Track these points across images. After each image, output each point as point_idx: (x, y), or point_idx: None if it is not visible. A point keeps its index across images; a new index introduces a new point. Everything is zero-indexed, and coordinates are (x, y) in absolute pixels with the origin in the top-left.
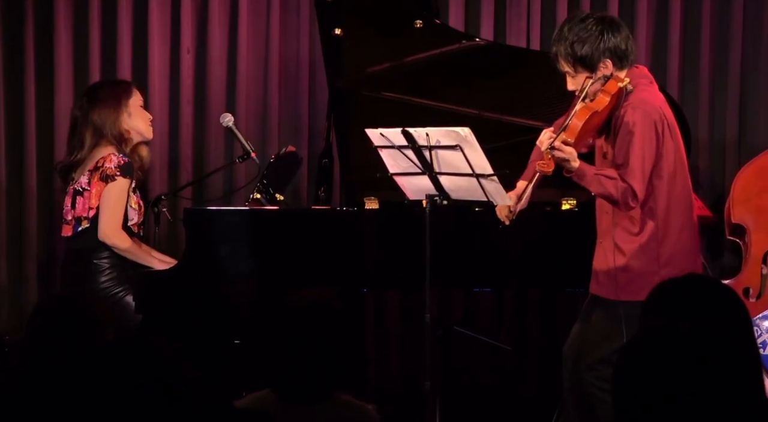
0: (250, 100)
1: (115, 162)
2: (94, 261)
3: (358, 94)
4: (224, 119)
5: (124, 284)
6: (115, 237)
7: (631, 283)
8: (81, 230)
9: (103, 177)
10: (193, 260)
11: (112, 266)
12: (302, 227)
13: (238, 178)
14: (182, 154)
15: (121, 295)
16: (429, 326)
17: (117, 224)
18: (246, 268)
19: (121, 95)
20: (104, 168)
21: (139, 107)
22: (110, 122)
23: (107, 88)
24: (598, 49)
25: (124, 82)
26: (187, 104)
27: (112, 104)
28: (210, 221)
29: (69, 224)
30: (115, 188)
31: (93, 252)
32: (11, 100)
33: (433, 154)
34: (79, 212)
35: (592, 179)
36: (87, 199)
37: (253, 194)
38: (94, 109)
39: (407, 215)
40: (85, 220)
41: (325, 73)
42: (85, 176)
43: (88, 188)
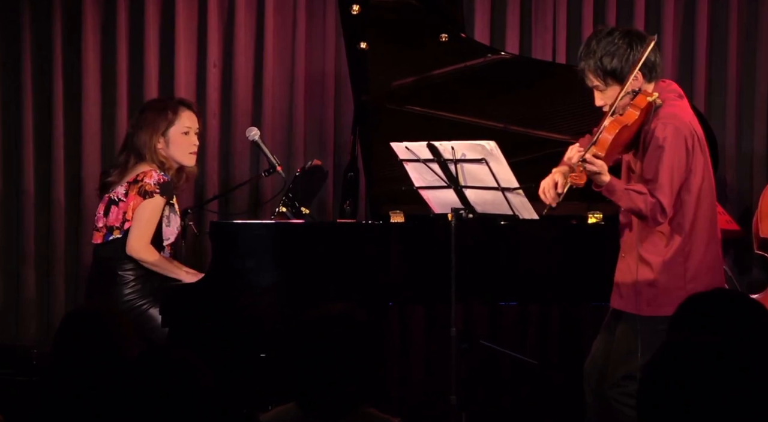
0: (276, 114)
1: (155, 179)
2: (119, 273)
3: (384, 107)
4: (250, 132)
5: (149, 296)
6: (142, 252)
7: (655, 298)
8: (112, 239)
9: (141, 192)
10: (219, 273)
11: (137, 278)
12: (328, 240)
13: (264, 191)
14: (208, 167)
15: (145, 307)
16: (454, 339)
17: (146, 240)
18: (271, 281)
19: (160, 123)
20: (144, 183)
21: (182, 134)
22: (149, 148)
23: (151, 112)
24: (627, 61)
25: (173, 104)
26: (213, 118)
27: (150, 131)
28: (236, 234)
29: (100, 231)
30: (151, 204)
31: (118, 264)
32: (39, 113)
33: (459, 167)
34: (112, 222)
35: (622, 194)
36: (121, 210)
37: (279, 208)
38: (137, 132)
39: (432, 229)
40: (117, 230)
41: (350, 87)
42: (122, 186)
43: (124, 199)
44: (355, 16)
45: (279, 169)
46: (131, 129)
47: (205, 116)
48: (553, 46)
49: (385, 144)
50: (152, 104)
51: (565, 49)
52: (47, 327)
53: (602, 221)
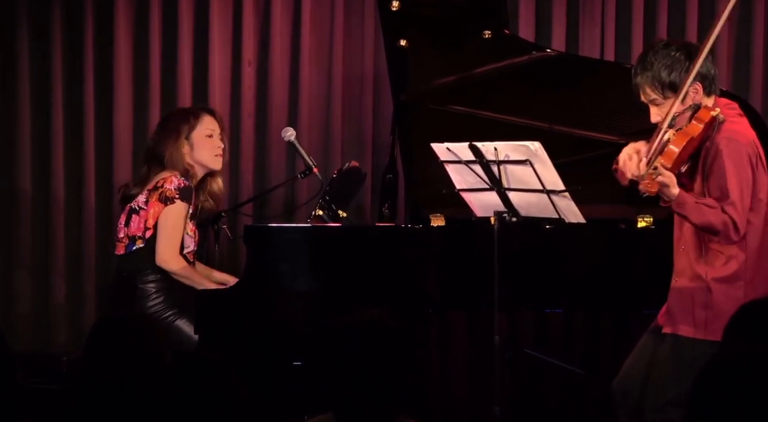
0: (313, 114)
1: (176, 184)
2: (140, 286)
3: (424, 107)
4: (286, 133)
5: (174, 307)
6: (172, 262)
7: (709, 321)
8: (135, 249)
9: (162, 198)
10: (254, 278)
11: (159, 291)
12: (366, 245)
13: (299, 194)
14: (243, 169)
15: (171, 319)
16: (498, 348)
17: (175, 249)
18: (307, 287)
19: (182, 127)
20: (164, 189)
21: (206, 137)
22: (172, 156)
23: (172, 119)
24: (686, 73)
25: (194, 110)
26: (248, 118)
27: (172, 137)
28: (271, 238)
29: (121, 242)
30: (174, 211)
31: (139, 276)
32: (69, 115)
33: (502, 169)
34: (133, 231)
35: (693, 208)
36: (142, 218)
37: (316, 211)
38: (159, 141)
39: (475, 233)
40: (140, 240)
41: (389, 86)
42: (143, 195)
43: (144, 207)
44: (395, 12)
45: (315, 171)
46: (152, 141)
47: (240, 116)
48: (602, 42)
49: (426, 145)
50: (173, 113)
51: (614, 44)
52: (77, 334)
53: (652, 225)
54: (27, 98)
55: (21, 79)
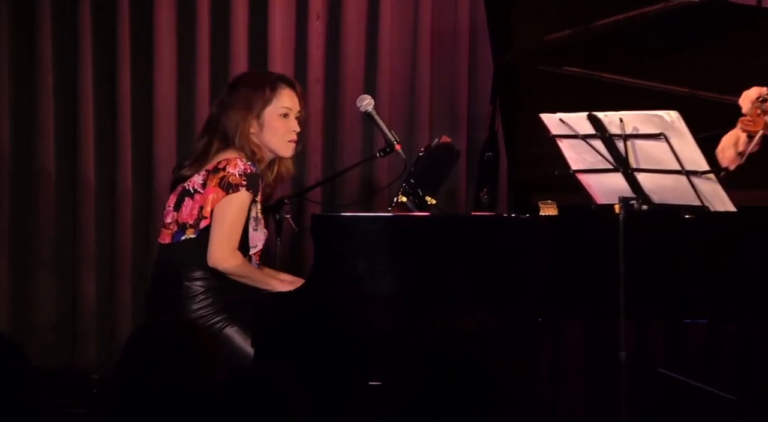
0: (395, 79)
1: (241, 169)
2: (185, 284)
3: (532, 70)
4: (362, 102)
5: (223, 312)
6: (227, 261)
7: None
8: (184, 239)
9: (223, 184)
10: (322, 279)
11: (208, 291)
12: (459, 238)
13: (378, 176)
14: (310, 146)
15: (220, 325)
16: (624, 366)
17: (232, 246)
18: (388, 289)
19: (254, 101)
20: (227, 173)
21: (280, 117)
22: (240, 132)
23: (245, 88)
24: None
25: (272, 80)
26: (316, 84)
27: (243, 111)
28: (344, 230)
29: (168, 228)
30: (237, 201)
31: (186, 271)
32: (100, 85)
33: (629, 145)
34: (185, 217)
35: None
36: (197, 203)
37: (398, 197)
38: (226, 111)
39: (595, 224)
40: (191, 229)
41: (488, 44)
42: (200, 175)
43: (201, 190)
44: None
45: (398, 148)
46: (217, 108)
47: (305, 83)
48: None
49: (534, 116)
50: (246, 79)
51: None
52: (111, 346)
53: None
54: (48, 64)
55: (42, 40)
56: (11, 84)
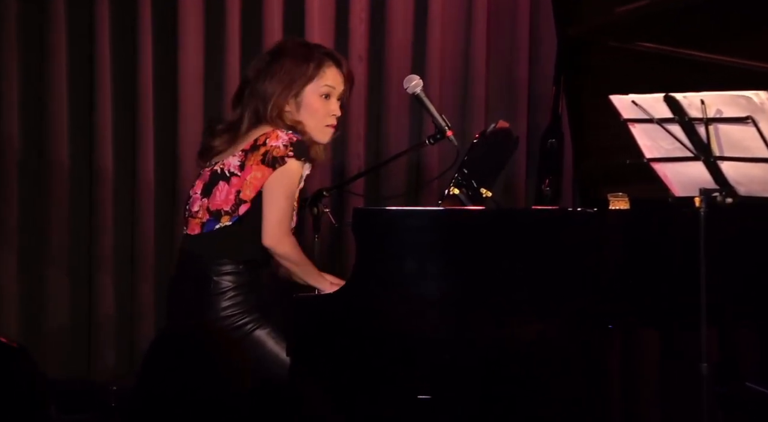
0: (446, 57)
1: (284, 139)
2: (214, 279)
3: (601, 45)
4: (410, 83)
5: (254, 311)
6: (284, 242)
7: None
8: (217, 229)
9: (268, 159)
10: (365, 280)
11: (239, 286)
12: (518, 235)
13: (428, 166)
14: (351, 133)
15: (251, 327)
16: (706, 380)
17: (288, 225)
18: (438, 291)
19: (295, 75)
20: (269, 147)
21: (320, 97)
22: (271, 105)
23: (289, 59)
24: None
25: (319, 55)
26: (358, 62)
27: (279, 83)
28: (389, 226)
29: (197, 217)
30: (287, 173)
31: (213, 265)
32: (118, 63)
33: (712, 130)
34: (219, 203)
35: None
36: (234, 187)
37: (450, 189)
38: (263, 80)
39: (672, 220)
40: (227, 216)
41: (552, 16)
42: (236, 157)
43: (238, 172)
44: None
45: (449, 134)
46: (253, 73)
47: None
48: None
49: (603, 98)
50: (291, 48)
51: None
52: (130, 355)
53: None
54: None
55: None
56: (19, 64)
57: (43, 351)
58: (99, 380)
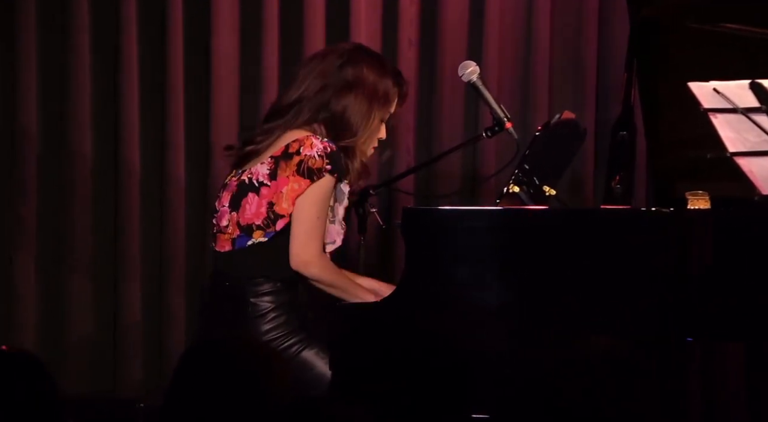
0: (506, 42)
1: (320, 148)
2: (251, 301)
3: (679, 27)
4: (465, 69)
5: (300, 331)
6: (314, 264)
7: None
8: (250, 245)
9: (303, 170)
10: (416, 287)
11: (279, 307)
12: (585, 237)
13: (484, 161)
14: (401, 125)
15: (297, 348)
16: None
17: (320, 245)
18: (497, 300)
19: (379, 93)
20: (304, 157)
21: (381, 123)
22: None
23: (370, 69)
24: None
25: (394, 72)
26: (408, 47)
27: (367, 101)
28: (442, 228)
29: (226, 233)
30: (323, 189)
31: (250, 285)
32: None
33: None
34: (250, 217)
35: None
36: (265, 198)
37: (510, 187)
38: (341, 92)
39: (758, 221)
40: (260, 231)
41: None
42: (265, 164)
43: (268, 182)
44: None
45: (509, 126)
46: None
47: (396, 46)
48: None
49: (681, 85)
50: (369, 59)
51: None
52: (159, 369)
53: None
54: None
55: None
56: (39, 50)
57: (65, 365)
58: (125, 396)
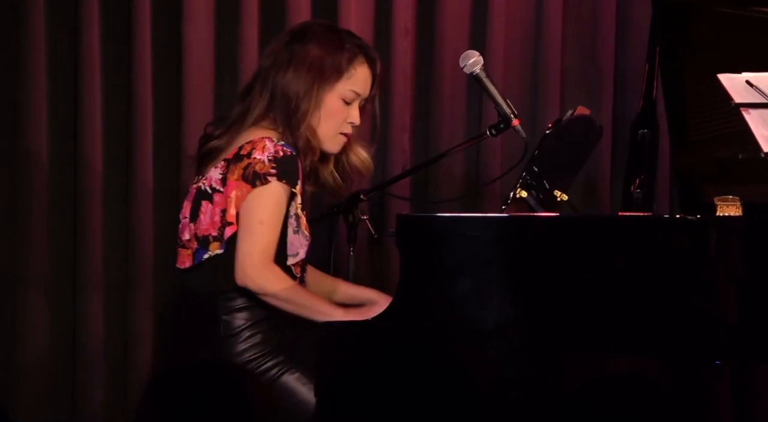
0: (512, 29)
1: (270, 151)
2: (223, 318)
3: (707, 11)
4: (467, 60)
5: (279, 352)
6: (260, 277)
7: None
8: (208, 258)
9: (248, 175)
10: (412, 303)
11: (255, 324)
12: (601, 249)
13: (489, 163)
14: (394, 123)
15: (276, 372)
16: None
17: (266, 256)
18: (503, 317)
19: (325, 73)
20: (253, 160)
21: (342, 102)
22: (301, 109)
23: (317, 45)
24: None
25: (351, 46)
26: (403, 37)
27: (309, 77)
28: (442, 236)
29: (187, 247)
30: (267, 195)
31: (221, 301)
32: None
33: None
34: (206, 228)
35: None
36: (219, 205)
37: (517, 191)
38: (287, 69)
39: None
40: (216, 242)
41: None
42: (218, 167)
43: (220, 187)
44: None
45: (516, 123)
46: (271, 59)
47: (390, 36)
48: None
49: (710, 78)
50: (320, 34)
51: None
52: (122, 397)
53: None
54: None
55: None
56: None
57: (17, 391)
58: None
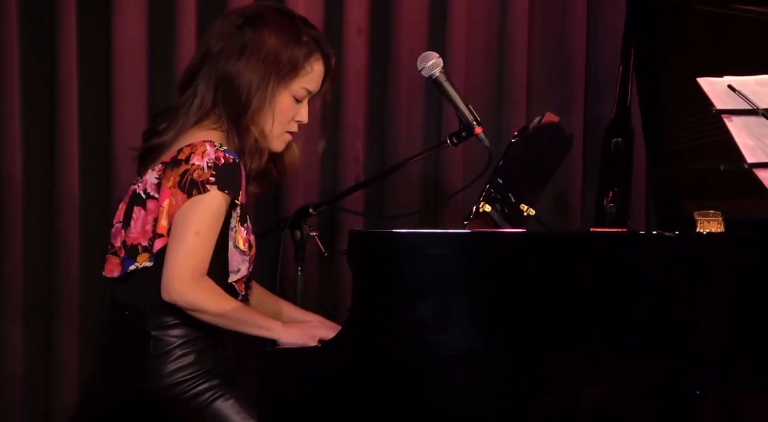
0: (475, 28)
1: (211, 157)
2: (153, 334)
3: (687, 10)
4: (426, 62)
5: (213, 375)
6: (188, 291)
7: None
8: (136, 270)
9: (184, 184)
10: (366, 328)
11: (188, 342)
12: (572, 267)
13: (450, 174)
14: (346, 130)
15: (208, 396)
16: None
17: (199, 269)
18: (465, 344)
19: (281, 68)
20: (191, 166)
21: (292, 99)
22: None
23: (273, 33)
24: None
25: (309, 39)
26: (357, 35)
27: (263, 68)
28: (398, 255)
29: (116, 255)
30: (204, 204)
31: (152, 317)
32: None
33: None
34: (136, 236)
35: None
36: (151, 214)
37: (480, 205)
38: (239, 58)
39: None
40: (145, 252)
41: None
42: (155, 170)
43: (155, 194)
44: None
45: (478, 131)
46: (217, 44)
47: (341, 34)
48: None
49: (689, 81)
50: (276, 21)
51: None
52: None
53: None
54: None
55: None
56: None
57: None
58: None
